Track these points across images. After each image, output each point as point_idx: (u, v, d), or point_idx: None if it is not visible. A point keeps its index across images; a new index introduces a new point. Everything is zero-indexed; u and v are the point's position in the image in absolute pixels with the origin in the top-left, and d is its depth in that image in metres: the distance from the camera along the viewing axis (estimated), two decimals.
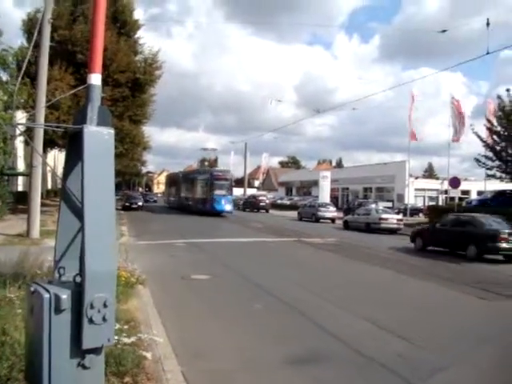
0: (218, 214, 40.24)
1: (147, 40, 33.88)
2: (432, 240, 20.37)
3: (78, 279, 3.13)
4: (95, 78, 3.42)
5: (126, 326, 6.02)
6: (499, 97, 34.49)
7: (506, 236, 17.03)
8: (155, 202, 72.84)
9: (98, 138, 3.18)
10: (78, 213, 3.28)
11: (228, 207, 41.26)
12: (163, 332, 6.73)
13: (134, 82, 30.98)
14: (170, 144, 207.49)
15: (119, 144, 31.28)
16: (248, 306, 9.08)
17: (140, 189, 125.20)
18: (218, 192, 40.58)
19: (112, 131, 3.27)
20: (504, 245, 16.93)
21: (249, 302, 9.42)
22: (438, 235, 19.86)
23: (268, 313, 8.74)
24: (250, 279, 12.03)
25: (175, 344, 6.28)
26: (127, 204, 46.01)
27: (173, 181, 59.31)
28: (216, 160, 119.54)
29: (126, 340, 5.41)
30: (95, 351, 3.15)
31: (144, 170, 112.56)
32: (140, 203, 47.78)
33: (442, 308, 9.92)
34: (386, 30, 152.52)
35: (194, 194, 45.07)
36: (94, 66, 3.41)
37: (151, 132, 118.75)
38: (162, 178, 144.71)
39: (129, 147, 34.04)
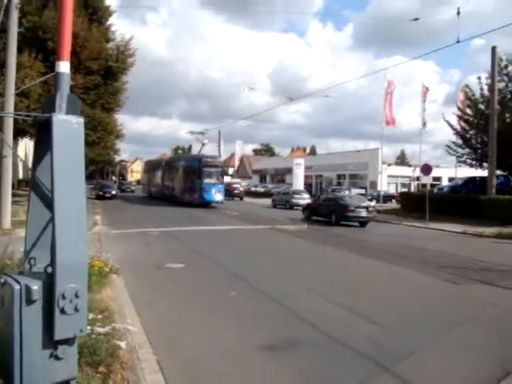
0: (208, 204, 36.98)
1: (120, 27, 33.47)
2: (314, 212, 28.53)
3: (49, 270, 3.09)
4: (64, 66, 3.36)
5: (99, 316, 5.99)
6: (467, 86, 35.05)
7: (353, 208, 24.96)
8: (132, 191, 67.42)
9: (67, 126, 3.13)
10: (48, 203, 3.23)
11: (219, 197, 37.41)
12: (138, 321, 6.72)
13: (106, 70, 30.48)
14: (143, 132, 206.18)
15: (91, 132, 30.81)
16: (223, 294, 9.09)
17: (114, 177, 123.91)
18: (207, 180, 36.93)
19: (81, 120, 3.22)
20: (350, 214, 24.84)
21: (224, 289, 9.43)
22: (317, 209, 28.35)
23: (243, 300, 8.77)
24: (225, 267, 12.04)
25: (150, 333, 6.27)
26: (101, 193, 45.55)
27: (154, 168, 54.54)
28: (190, 148, 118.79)
29: (100, 330, 5.39)
30: (68, 342, 3.13)
31: (117, 158, 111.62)
32: (114, 192, 47.31)
33: (412, 291, 10.11)
34: (360, 18, 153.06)
35: (180, 183, 41.19)
36: (62, 53, 3.35)
37: (124, 120, 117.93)
38: (136, 167, 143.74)
39: (101, 135, 33.56)
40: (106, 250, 10.47)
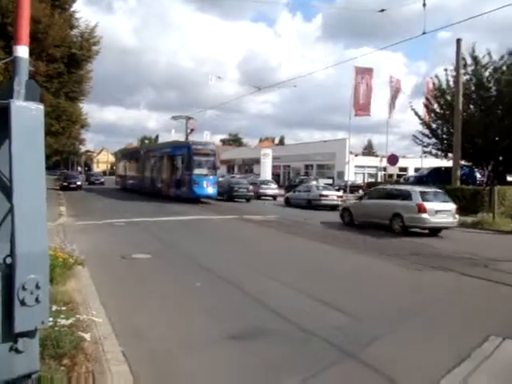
0: (198, 199, 32.41)
1: (85, 14, 32.79)
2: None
3: (9, 261, 3.01)
4: (22, 51, 3.26)
5: (63, 308, 5.90)
6: (437, 76, 35.57)
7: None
8: (102, 183, 60.33)
9: (26, 113, 3.04)
10: (7, 192, 3.14)
11: (211, 190, 32.55)
12: (103, 312, 6.63)
13: (69, 58, 29.82)
14: (110, 122, 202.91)
15: (55, 122, 30.22)
16: (189, 284, 9.06)
17: (79, 168, 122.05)
18: (197, 171, 31.98)
19: (41, 107, 3.13)
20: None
21: (190, 280, 9.39)
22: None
23: (209, 290, 8.75)
24: (192, 257, 11.99)
25: (115, 324, 6.20)
26: (65, 184, 44.86)
27: (130, 157, 48.90)
28: (157, 138, 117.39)
29: (63, 322, 5.30)
30: (29, 334, 3.05)
31: (83, 148, 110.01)
32: (79, 183, 46.62)
33: (376, 279, 10.25)
34: (329, 9, 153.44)
35: (165, 175, 36.30)
36: (20, 37, 3.25)
37: (90, 110, 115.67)
38: (103, 157, 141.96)
39: (66, 125, 32.96)
40: (71, 242, 10.25)
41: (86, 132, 50.18)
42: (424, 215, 17.53)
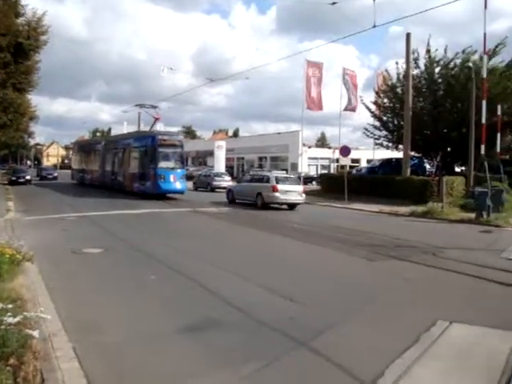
0: (164, 195, 29.83)
1: (33, 2, 31.79)
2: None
3: None
4: None
5: (10, 306, 5.71)
6: (386, 70, 36.31)
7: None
8: (55, 178, 54.86)
9: None
10: None
11: (179, 185, 29.74)
12: (53, 309, 6.49)
13: (16, 47, 28.94)
14: (60, 114, 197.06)
15: (3, 114, 29.45)
16: (142, 278, 8.95)
17: (29, 162, 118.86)
18: (163, 164, 29.28)
19: None
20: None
21: (143, 273, 9.29)
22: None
23: (162, 283, 8.68)
24: (145, 251, 11.85)
25: (66, 320, 6.08)
26: (14, 178, 43.59)
27: (88, 150, 45.41)
28: (109, 130, 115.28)
29: (10, 320, 5.13)
30: None
31: (32, 142, 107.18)
32: (28, 177, 45.31)
33: (330, 269, 10.41)
34: (283, 1, 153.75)
35: (127, 168, 33.23)
36: None
37: (39, 102, 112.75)
38: (53, 151, 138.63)
39: (13, 117, 32.06)
40: (19, 237, 10.00)
41: (35, 125, 48.69)
42: (276, 194, 23.94)
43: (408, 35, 29.64)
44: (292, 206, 25.08)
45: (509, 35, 31.66)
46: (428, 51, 32.79)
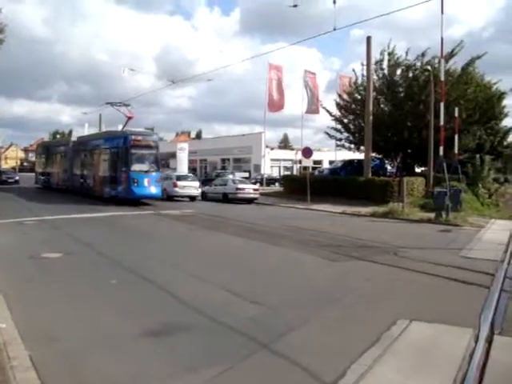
0: (138, 200, 27.28)
1: None
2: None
3: None
4: None
5: None
6: (346, 74, 36.81)
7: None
8: (17, 182, 51.14)
9: None
10: None
11: (153, 189, 27.13)
12: (8, 316, 6.32)
13: None
14: (19, 116, 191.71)
15: None
16: (103, 283, 8.79)
17: None
18: (137, 167, 26.77)
19: None
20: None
21: (104, 278, 9.11)
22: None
23: (124, 288, 8.54)
24: (106, 255, 11.64)
25: (22, 328, 5.92)
26: None
27: (55, 152, 42.06)
28: (70, 132, 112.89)
29: None
30: None
31: None
32: None
33: (293, 270, 10.47)
34: (247, 3, 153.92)
35: (98, 171, 30.54)
36: None
37: None
38: (11, 153, 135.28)
39: None
40: None
41: None
42: (176, 188, 31.18)
43: (368, 38, 30.03)
44: (192, 198, 31.92)
45: (464, 40, 32.63)
46: (390, 53, 33.49)
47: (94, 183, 30.88)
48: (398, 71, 33.89)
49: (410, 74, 33.23)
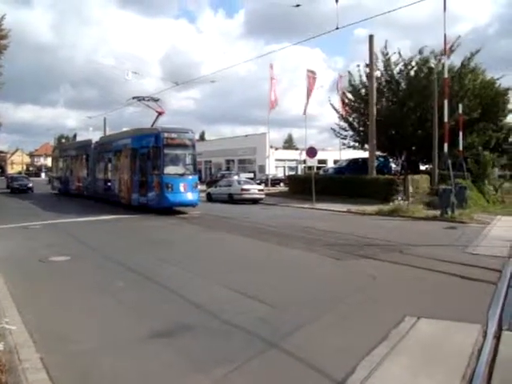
0: (171, 208, 23.56)
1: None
2: None
3: None
4: None
5: None
6: (349, 72, 36.83)
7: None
8: (31, 189, 44.62)
9: None
10: None
11: (190, 196, 23.27)
12: (19, 319, 6.38)
13: None
14: (25, 121, 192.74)
15: None
16: (110, 285, 8.84)
17: None
18: (170, 169, 22.98)
19: None
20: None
21: (111, 280, 9.18)
22: None
23: (131, 290, 8.58)
24: (112, 257, 11.70)
25: (33, 331, 5.99)
26: None
27: (74, 154, 38.42)
28: (75, 136, 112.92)
29: None
30: None
31: None
32: None
33: (300, 270, 10.48)
34: (251, 4, 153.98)
35: (125, 175, 26.57)
36: None
37: (3, 108, 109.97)
38: (17, 158, 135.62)
39: None
40: None
41: None
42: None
43: (371, 37, 30.01)
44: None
45: (467, 38, 32.74)
46: (386, 54, 33.58)
47: (120, 189, 27.28)
48: (397, 69, 33.98)
49: (412, 73, 33.26)
